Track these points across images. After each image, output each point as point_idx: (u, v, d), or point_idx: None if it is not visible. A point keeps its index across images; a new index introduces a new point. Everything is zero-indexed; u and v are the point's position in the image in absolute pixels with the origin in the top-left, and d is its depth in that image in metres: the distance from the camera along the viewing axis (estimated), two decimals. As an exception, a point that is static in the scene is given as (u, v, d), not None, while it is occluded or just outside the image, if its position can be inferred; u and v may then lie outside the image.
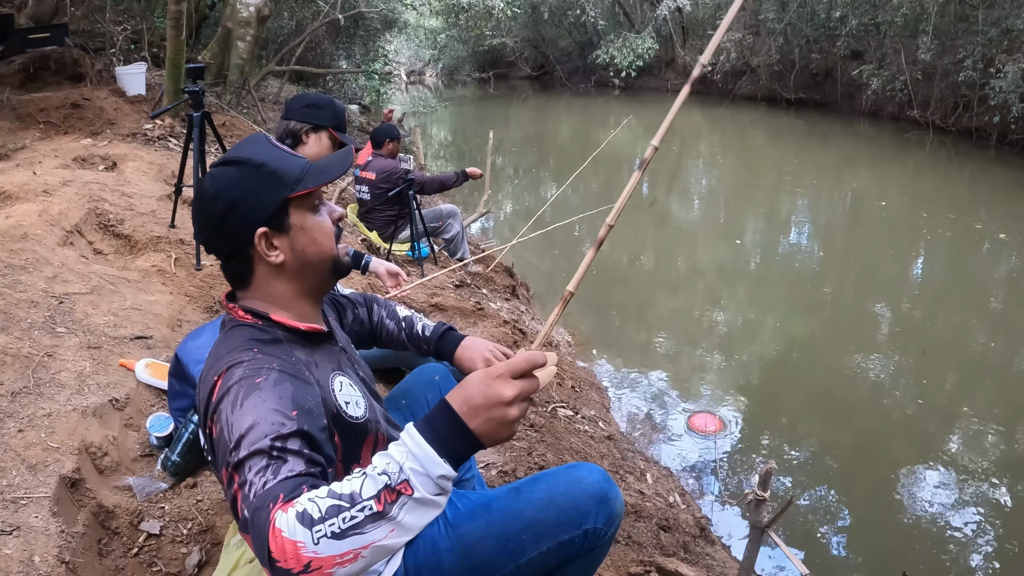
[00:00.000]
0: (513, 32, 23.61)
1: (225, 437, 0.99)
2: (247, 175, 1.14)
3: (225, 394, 1.04)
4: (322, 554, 0.87)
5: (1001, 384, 4.52)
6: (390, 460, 0.91)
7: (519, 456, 2.66)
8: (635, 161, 1.01)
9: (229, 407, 1.01)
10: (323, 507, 0.88)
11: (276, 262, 1.15)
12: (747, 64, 18.35)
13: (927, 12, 12.35)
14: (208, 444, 1.07)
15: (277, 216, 1.14)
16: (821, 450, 3.69)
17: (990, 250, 7.35)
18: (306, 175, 1.16)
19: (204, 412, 1.08)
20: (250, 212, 1.13)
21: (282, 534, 0.87)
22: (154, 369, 2.47)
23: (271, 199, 1.14)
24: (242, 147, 1.18)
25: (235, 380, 1.04)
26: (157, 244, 3.68)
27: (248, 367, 1.06)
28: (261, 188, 1.13)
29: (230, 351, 1.10)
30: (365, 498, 0.88)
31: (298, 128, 2.29)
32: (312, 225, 1.17)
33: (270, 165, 1.14)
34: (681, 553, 2.44)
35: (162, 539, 1.88)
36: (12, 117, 5.55)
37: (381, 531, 0.89)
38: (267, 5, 8.08)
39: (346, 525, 0.87)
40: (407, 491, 0.89)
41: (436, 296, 4.02)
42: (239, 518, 0.94)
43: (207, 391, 1.08)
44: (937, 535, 3.10)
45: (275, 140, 1.20)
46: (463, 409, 0.91)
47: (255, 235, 1.13)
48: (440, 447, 0.90)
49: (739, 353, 4.74)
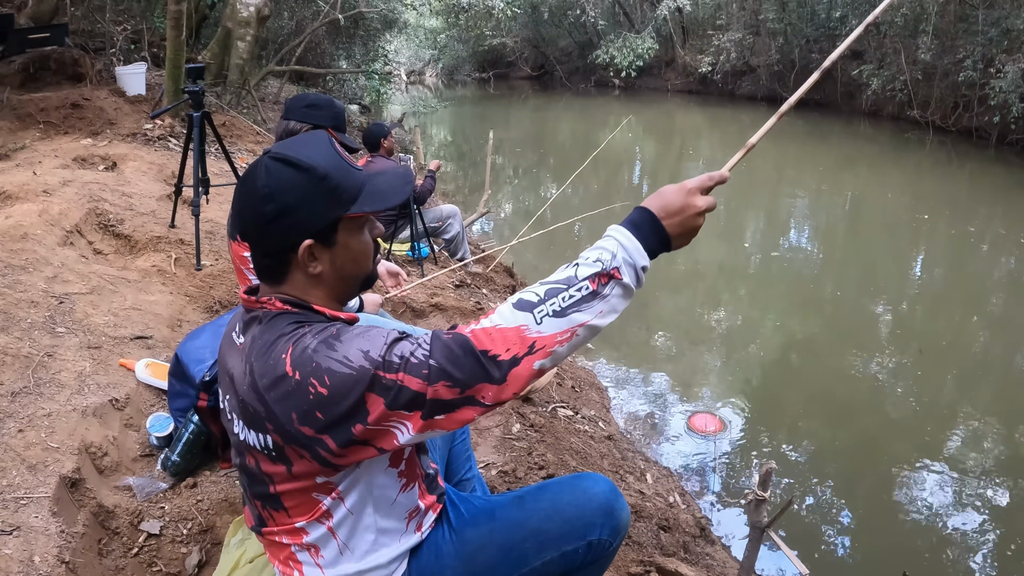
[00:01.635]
0: (513, 32, 23.62)
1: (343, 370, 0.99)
2: (308, 184, 1.07)
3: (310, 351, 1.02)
4: (545, 332, 1.00)
5: (1001, 384, 4.52)
6: (602, 250, 1.04)
7: (519, 456, 2.66)
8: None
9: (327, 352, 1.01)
10: (540, 292, 1.01)
11: (314, 273, 1.12)
12: (747, 64, 18.35)
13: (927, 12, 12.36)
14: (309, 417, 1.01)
15: (326, 231, 1.10)
16: (821, 450, 3.69)
17: (990, 250, 7.35)
18: (363, 195, 1.11)
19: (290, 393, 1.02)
20: (301, 223, 1.08)
21: (496, 327, 1.00)
22: (154, 369, 2.47)
23: (325, 214, 1.09)
24: (306, 148, 1.10)
25: (311, 338, 1.04)
26: (157, 244, 3.68)
27: (314, 331, 1.06)
28: (318, 201, 1.08)
29: (283, 333, 1.07)
30: (581, 279, 1.01)
31: (298, 128, 2.30)
32: (356, 245, 1.14)
33: (333, 179, 1.08)
34: (681, 553, 2.44)
35: (162, 539, 1.88)
36: (12, 117, 5.55)
37: (594, 309, 1.01)
38: (267, 5, 8.08)
39: (566, 304, 1.00)
40: (617, 275, 1.02)
41: (436, 296, 4.02)
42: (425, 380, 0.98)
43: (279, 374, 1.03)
44: (937, 535, 3.10)
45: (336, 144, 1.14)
46: (662, 213, 1.06)
47: (301, 246, 1.08)
48: (643, 242, 1.05)
49: (739, 353, 4.74)
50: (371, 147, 4.66)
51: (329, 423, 1.01)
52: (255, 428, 1.08)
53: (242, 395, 1.09)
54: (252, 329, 1.13)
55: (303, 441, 1.04)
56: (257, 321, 1.13)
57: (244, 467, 1.17)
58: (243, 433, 1.12)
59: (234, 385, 1.13)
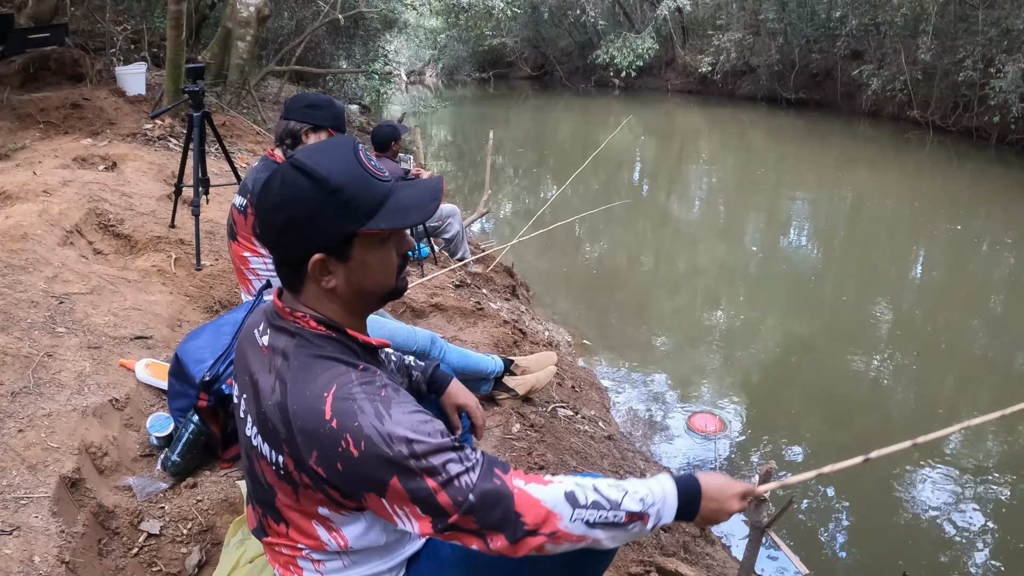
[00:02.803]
0: (513, 32, 23.62)
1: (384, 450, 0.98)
2: (318, 196, 1.02)
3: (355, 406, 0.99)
4: (568, 530, 1.05)
5: (1001, 383, 4.52)
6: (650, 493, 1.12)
7: (519, 456, 2.66)
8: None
9: (374, 420, 0.98)
10: (590, 498, 1.07)
11: (327, 287, 1.07)
12: (747, 64, 18.35)
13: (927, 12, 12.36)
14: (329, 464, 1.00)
15: (340, 245, 1.05)
16: (821, 450, 3.69)
17: (990, 250, 7.35)
18: (384, 210, 1.05)
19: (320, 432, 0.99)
20: (311, 236, 1.03)
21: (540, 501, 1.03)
22: (154, 369, 2.47)
23: (337, 229, 1.03)
24: (326, 156, 1.05)
25: (358, 391, 1.01)
26: (157, 244, 3.68)
27: (361, 380, 1.03)
28: (329, 215, 1.02)
29: (326, 367, 1.04)
30: (623, 510, 1.08)
31: (298, 128, 2.30)
32: (374, 260, 1.08)
33: (347, 192, 1.02)
34: (681, 553, 2.44)
35: (162, 539, 1.88)
36: (12, 117, 5.55)
37: (614, 536, 1.09)
38: (267, 5, 8.08)
39: (598, 520, 1.06)
40: (645, 521, 1.10)
41: (436, 296, 4.01)
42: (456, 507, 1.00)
43: (313, 407, 1.00)
44: (937, 535, 3.10)
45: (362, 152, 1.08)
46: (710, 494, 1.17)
47: (310, 259, 1.04)
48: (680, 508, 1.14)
49: (739, 353, 4.74)
50: (381, 147, 4.60)
51: (345, 479, 1.01)
52: (270, 443, 1.06)
53: (265, 408, 1.06)
54: (282, 340, 1.09)
55: (314, 477, 1.03)
56: (289, 335, 1.08)
57: (251, 471, 1.16)
58: (256, 440, 1.10)
59: (257, 393, 1.09)
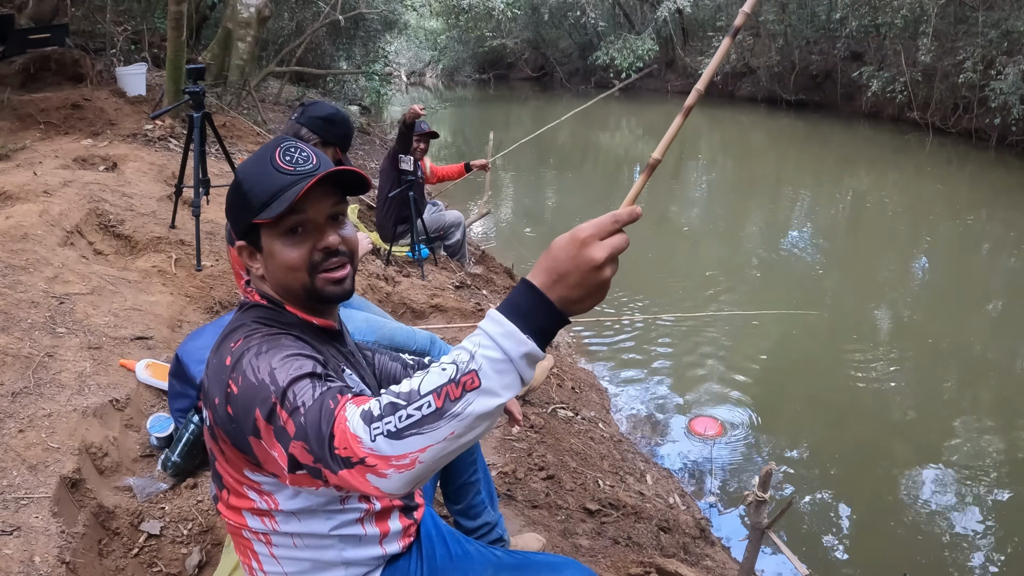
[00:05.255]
0: (513, 33, 23.62)
1: (252, 381, 0.99)
2: (232, 191, 1.16)
3: (245, 351, 1.05)
4: (377, 452, 0.85)
5: (1001, 384, 4.52)
6: (461, 350, 0.85)
7: (519, 457, 2.66)
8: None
9: (252, 358, 1.02)
10: (382, 404, 0.86)
11: (257, 275, 1.17)
12: (747, 66, 18.36)
13: (927, 14, 12.35)
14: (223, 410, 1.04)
15: (248, 235, 1.14)
16: (821, 451, 3.69)
17: (990, 251, 7.35)
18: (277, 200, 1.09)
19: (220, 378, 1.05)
20: (234, 224, 1.17)
21: (346, 424, 0.88)
22: (154, 370, 2.47)
23: (239, 219, 1.15)
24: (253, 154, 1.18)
25: (255, 340, 1.07)
26: (157, 245, 3.69)
27: (266, 332, 1.09)
28: (236, 207, 1.15)
29: (244, 324, 1.13)
30: (423, 393, 0.84)
31: (308, 137, 2.33)
32: (280, 252, 1.11)
33: (244, 185, 1.13)
34: (681, 554, 2.44)
35: (162, 539, 1.88)
36: (12, 117, 5.55)
37: (440, 432, 0.83)
38: (267, 6, 8.09)
39: (402, 424, 0.84)
40: (472, 384, 0.82)
41: (436, 297, 4.02)
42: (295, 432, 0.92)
43: (221, 359, 1.07)
44: (938, 536, 3.10)
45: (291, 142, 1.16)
46: (551, 278, 0.83)
47: (236, 245, 1.16)
48: (523, 323, 0.83)
49: (739, 354, 4.74)
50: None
51: (235, 422, 1.03)
52: (205, 404, 1.12)
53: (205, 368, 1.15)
54: (236, 312, 1.20)
55: (224, 428, 1.06)
56: (239, 308, 1.20)
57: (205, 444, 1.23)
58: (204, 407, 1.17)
59: None
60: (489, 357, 0.83)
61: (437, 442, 0.83)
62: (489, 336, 0.84)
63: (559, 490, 2.55)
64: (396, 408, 0.84)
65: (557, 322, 0.84)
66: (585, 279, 0.82)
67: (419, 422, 0.83)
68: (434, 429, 0.83)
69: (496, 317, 0.84)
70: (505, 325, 0.83)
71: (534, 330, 0.83)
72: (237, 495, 1.15)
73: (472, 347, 0.84)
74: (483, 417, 0.83)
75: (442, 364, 0.85)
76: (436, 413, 0.83)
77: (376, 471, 0.85)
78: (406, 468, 0.84)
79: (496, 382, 0.82)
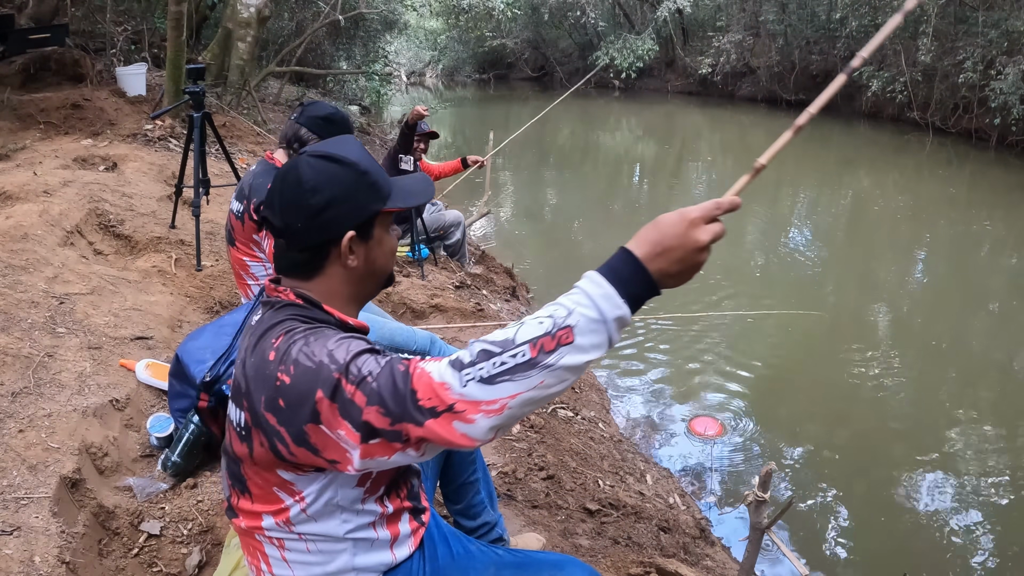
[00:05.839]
0: (513, 33, 23.62)
1: (309, 365, 0.99)
2: (351, 178, 1.14)
3: (292, 342, 1.04)
4: (468, 397, 0.89)
5: (1001, 384, 4.52)
6: (559, 305, 0.90)
7: (519, 457, 2.66)
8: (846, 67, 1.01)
9: (303, 346, 1.02)
10: (475, 351, 0.90)
11: (351, 266, 1.16)
12: (747, 66, 18.36)
13: (927, 14, 12.35)
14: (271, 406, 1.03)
15: (366, 225, 1.16)
16: (821, 451, 3.69)
17: (990, 251, 7.35)
18: (396, 193, 1.19)
19: (265, 374, 1.04)
20: (346, 214, 1.13)
21: (429, 375, 0.91)
22: (154, 370, 2.47)
23: (367, 207, 1.15)
24: (342, 147, 1.17)
25: (299, 333, 1.06)
26: (157, 245, 3.69)
27: (308, 326, 1.08)
28: (360, 193, 1.14)
29: (282, 321, 1.10)
30: (519, 343, 0.88)
31: (308, 138, 2.32)
32: (387, 241, 1.21)
33: (372, 175, 1.16)
34: (681, 554, 2.44)
35: (162, 539, 1.88)
36: (12, 117, 5.55)
37: (531, 380, 0.88)
38: (267, 6, 8.09)
39: (495, 370, 0.88)
40: (567, 339, 0.87)
41: (436, 297, 4.02)
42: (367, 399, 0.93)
43: (263, 356, 1.06)
44: (938, 536, 3.10)
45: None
46: (656, 250, 0.90)
47: (345, 237, 1.13)
48: (620, 287, 0.89)
49: (739, 354, 4.74)
50: None
51: (288, 415, 1.02)
52: (236, 403, 1.12)
53: (236, 368, 1.14)
54: (264, 311, 1.17)
55: (266, 428, 1.05)
56: (270, 306, 1.17)
57: (225, 447, 1.20)
58: (231, 408, 1.15)
59: (237, 361, 1.17)
60: (586, 316, 0.88)
61: (527, 390, 0.88)
62: (588, 296, 0.89)
63: (559, 490, 2.55)
64: (490, 355, 0.89)
65: (650, 292, 0.91)
66: (686, 257, 0.91)
67: (512, 369, 0.88)
68: (526, 377, 0.88)
69: (596, 279, 0.90)
70: (605, 287, 0.89)
71: (629, 296, 0.89)
72: (262, 497, 1.14)
73: (571, 304, 0.89)
74: (571, 370, 0.88)
75: (538, 317, 0.90)
76: (529, 362, 0.87)
77: (464, 417, 0.89)
78: (495, 413, 0.89)
79: (588, 340, 0.88)
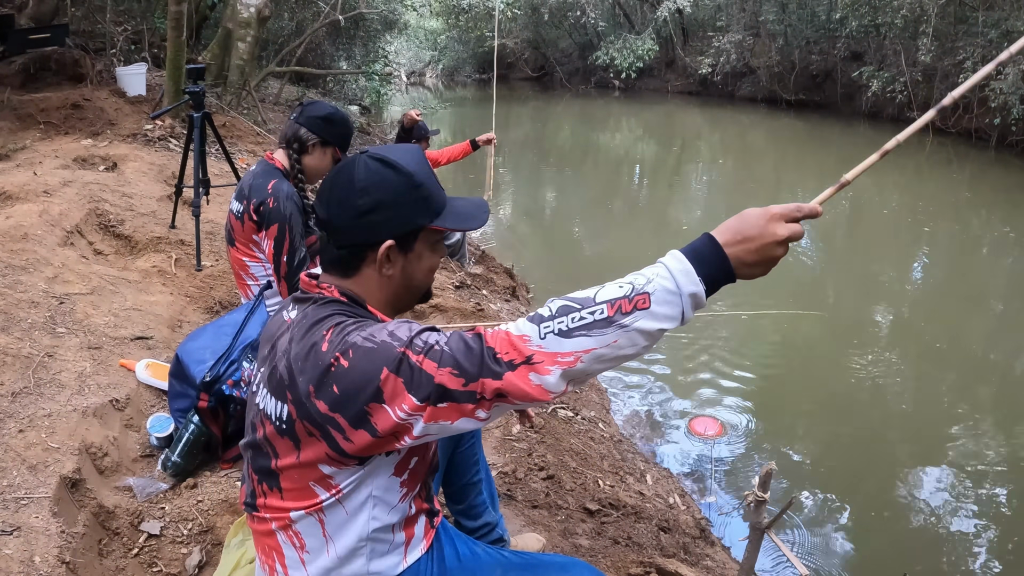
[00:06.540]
0: (513, 33, 23.62)
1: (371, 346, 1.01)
2: (403, 186, 1.12)
3: (347, 331, 1.04)
4: (546, 349, 0.94)
5: (1001, 384, 4.52)
6: (639, 274, 0.96)
7: (519, 457, 2.66)
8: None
9: (361, 331, 1.04)
10: (554, 307, 0.96)
11: (386, 274, 1.16)
12: (747, 66, 18.36)
13: (927, 14, 12.35)
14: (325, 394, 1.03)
15: (408, 237, 1.15)
16: (821, 451, 3.69)
17: (990, 251, 7.35)
18: (447, 213, 1.17)
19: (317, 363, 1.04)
20: (389, 221, 1.12)
21: (506, 331, 0.97)
22: (154, 370, 2.47)
23: (412, 220, 1.14)
24: (402, 155, 1.15)
25: (351, 324, 1.06)
26: (157, 245, 3.69)
27: (356, 320, 1.09)
28: (409, 204, 1.13)
29: (330, 316, 1.10)
30: (599, 302, 0.94)
31: (308, 138, 2.31)
32: (428, 257, 1.19)
33: (426, 188, 1.14)
34: (681, 554, 2.44)
35: (162, 539, 1.88)
36: (12, 117, 5.55)
37: (606, 338, 0.93)
38: (267, 6, 8.09)
39: (574, 324, 0.94)
40: (644, 304, 0.93)
41: (436, 297, 4.02)
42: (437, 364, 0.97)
43: (312, 347, 1.05)
44: (938, 536, 3.10)
45: None
46: (737, 238, 0.96)
47: (383, 244, 1.13)
48: (699, 267, 0.95)
49: (739, 354, 4.74)
50: None
51: (345, 401, 1.01)
52: (277, 396, 1.10)
53: (276, 362, 1.12)
54: (305, 307, 1.15)
55: (316, 418, 1.04)
56: (312, 302, 1.15)
57: (252, 442, 1.18)
58: (264, 402, 1.14)
59: (274, 354, 1.15)
60: (664, 286, 0.94)
61: (601, 346, 0.94)
62: (668, 269, 0.95)
63: (559, 490, 2.55)
64: (569, 310, 0.94)
65: (726, 277, 0.97)
66: (764, 249, 0.96)
67: (589, 325, 0.94)
68: (601, 334, 0.93)
69: (677, 256, 0.97)
70: (684, 263, 0.95)
71: (706, 277, 0.95)
72: (295, 493, 1.13)
73: (651, 274, 0.96)
74: (644, 335, 0.94)
75: (619, 283, 0.96)
76: (606, 320, 0.93)
77: (541, 368, 0.94)
78: (568, 365, 0.94)
79: (663, 309, 0.94)
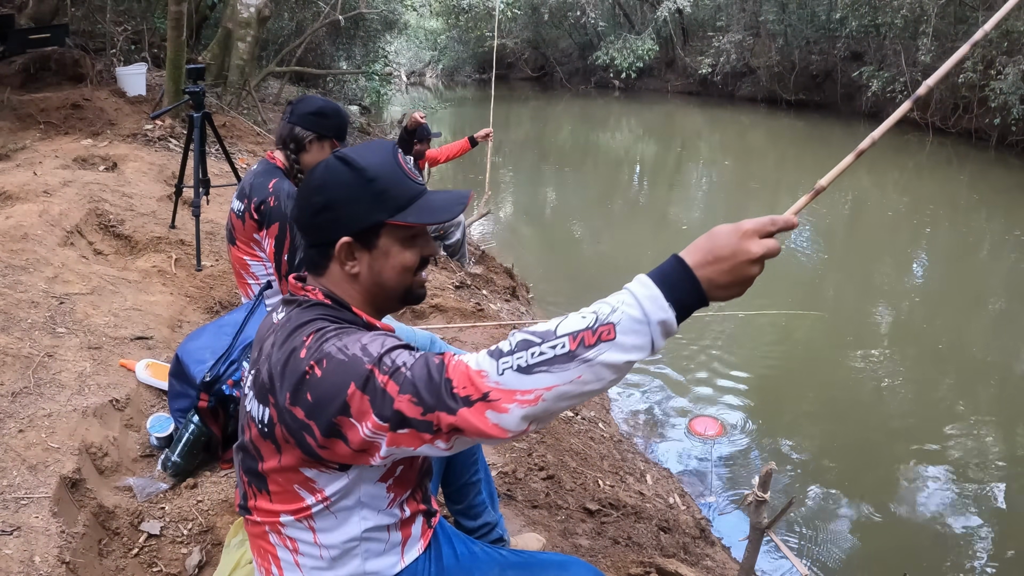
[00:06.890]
0: (513, 33, 23.62)
1: (342, 359, 0.99)
2: (355, 182, 1.11)
3: (325, 339, 1.03)
4: (503, 386, 0.88)
5: (1001, 384, 4.52)
6: (603, 303, 0.89)
7: (519, 457, 2.66)
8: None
9: (337, 340, 1.02)
10: (514, 341, 0.90)
11: (351, 272, 1.14)
12: (747, 66, 18.36)
13: (927, 14, 12.35)
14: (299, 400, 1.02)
15: (367, 233, 1.12)
16: (821, 451, 3.69)
17: (990, 251, 7.35)
18: (413, 207, 1.13)
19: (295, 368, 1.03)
20: (342, 219, 1.11)
21: (466, 364, 0.91)
22: (154, 370, 2.47)
23: (367, 216, 1.11)
24: (367, 151, 1.15)
25: (331, 331, 1.05)
26: (157, 245, 3.69)
27: (338, 326, 1.08)
28: (362, 201, 1.11)
29: (311, 320, 1.09)
30: (559, 335, 0.88)
31: (303, 136, 2.25)
32: (397, 255, 1.15)
33: (380, 183, 1.11)
34: (681, 554, 2.44)
35: (162, 539, 1.88)
36: (12, 117, 5.55)
37: (568, 374, 0.87)
38: (267, 6, 8.09)
39: (534, 360, 0.87)
40: (608, 335, 0.86)
41: (436, 297, 4.02)
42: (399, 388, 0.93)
43: (291, 352, 1.05)
44: (938, 535, 3.10)
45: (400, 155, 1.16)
46: (707, 259, 0.89)
47: (338, 242, 1.12)
48: (668, 292, 0.88)
49: (739, 354, 4.74)
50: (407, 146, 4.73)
51: (316, 407, 1.01)
52: (260, 400, 1.11)
53: (260, 366, 1.12)
54: (291, 310, 1.15)
55: (292, 424, 1.04)
56: (298, 304, 1.15)
57: (242, 444, 1.19)
58: (250, 405, 1.14)
59: (260, 357, 1.15)
60: (630, 315, 0.87)
61: (563, 383, 0.87)
62: (634, 296, 0.88)
63: (559, 490, 2.55)
64: (529, 345, 0.88)
65: (698, 301, 0.89)
66: (737, 269, 0.89)
67: (550, 361, 0.87)
68: (564, 370, 0.87)
69: (643, 281, 0.89)
70: (651, 289, 0.88)
71: (676, 302, 0.88)
72: (281, 496, 1.13)
73: (615, 303, 0.88)
74: (610, 368, 0.87)
75: (582, 313, 0.89)
76: (568, 355, 0.86)
77: (498, 406, 0.88)
78: (529, 404, 0.88)
79: (630, 339, 0.87)
